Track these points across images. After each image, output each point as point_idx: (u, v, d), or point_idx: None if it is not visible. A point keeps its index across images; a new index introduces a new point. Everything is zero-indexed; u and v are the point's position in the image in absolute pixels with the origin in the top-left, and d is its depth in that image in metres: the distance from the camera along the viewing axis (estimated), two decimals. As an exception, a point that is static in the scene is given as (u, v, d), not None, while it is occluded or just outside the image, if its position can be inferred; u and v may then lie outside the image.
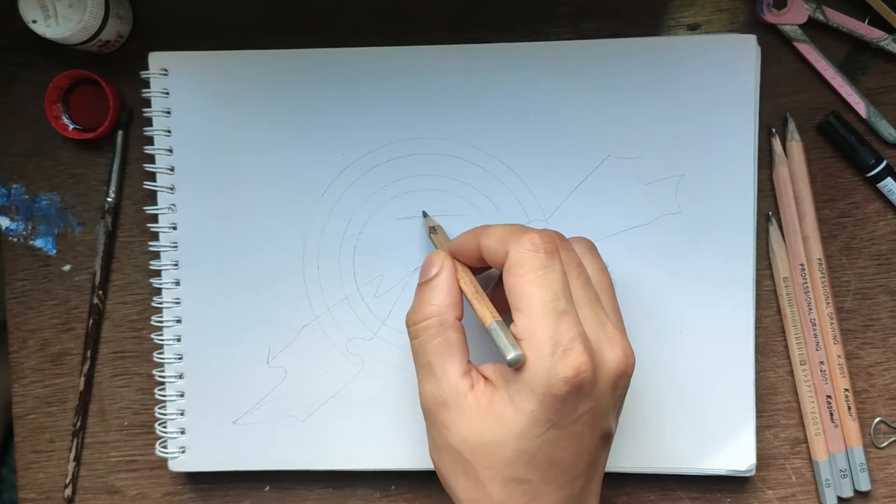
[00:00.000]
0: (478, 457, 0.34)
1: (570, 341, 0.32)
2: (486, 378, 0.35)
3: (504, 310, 0.35)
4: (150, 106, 0.44)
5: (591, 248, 0.38)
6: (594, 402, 0.33)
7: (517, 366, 0.32)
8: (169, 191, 0.44)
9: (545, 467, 0.33)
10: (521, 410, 0.33)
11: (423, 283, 0.37)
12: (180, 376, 0.44)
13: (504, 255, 0.34)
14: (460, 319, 0.36)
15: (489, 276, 0.40)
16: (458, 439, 0.34)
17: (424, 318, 0.36)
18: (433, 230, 0.42)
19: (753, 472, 0.43)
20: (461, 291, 0.36)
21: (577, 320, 0.33)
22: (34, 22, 0.42)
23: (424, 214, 0.43)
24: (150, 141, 0.44)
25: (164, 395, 0.44)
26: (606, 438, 0.35)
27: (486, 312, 0.35)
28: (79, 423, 0.46)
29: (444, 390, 0.35)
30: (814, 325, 0.44)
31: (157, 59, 0.44)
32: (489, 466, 0.33)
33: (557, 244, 0.34)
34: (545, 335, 0.32)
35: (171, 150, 0.44)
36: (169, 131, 0.44)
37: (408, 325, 0.37)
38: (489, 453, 0.33)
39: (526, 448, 0.33)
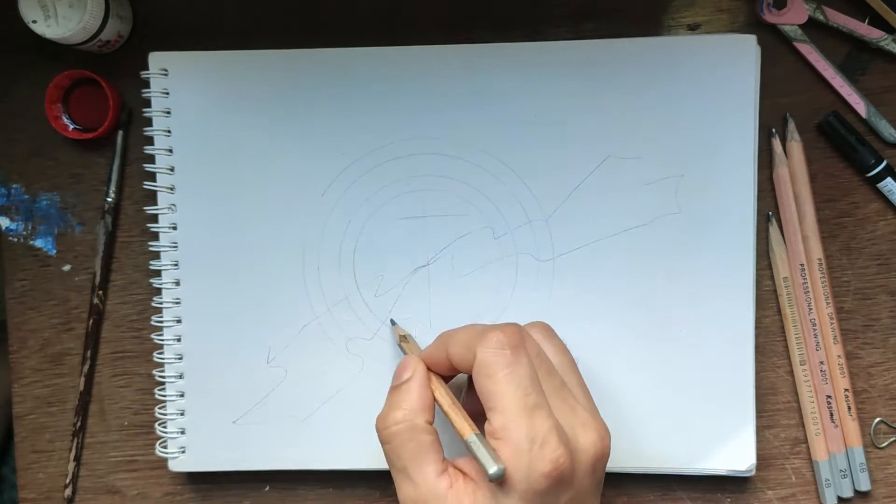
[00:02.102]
0: None
1: (545, 435, 0.33)
2: (464, 473, 0.35)
3: (478, 413, 0.35)
4: (150, 106, 0.44)
5: (548, 330, 0.39)
6: (574, 489, 0.34)
7: (499, 480, 0.33)
8: (169, 191, 0.44)
9: None
10: None
11: (395, 387, 0.37)
12: (180, 376, 0.44)
13: (472, 359, 0.35)
14: (431, 423, 0.36)
15: (459, 383, 0.40)
16: None
17: (395, 422, 0.36)
18: (403, 339, 0.42)
19: (753, 472, 0.43)
20: (435, 402, 0.37)
21: (549, 412, 0.33)
22: (34, 22, 0.42)
23: (392, 322, 0.43)
24: (150, 141, 0.44)
25: (164, 395, 0.44)
26: None
27: (465, 424, 0.35)
28: (79, 423, 0.46)
29: (423, 493, 0.35)
30: (814, 325, 0.44)
31: (157, 59, 0.44)
32: None
33: (522, 338, 0.35)
34: (521, 433, 0.33)
35: (171, 151, 0.44)
36: (169, 131, 0.44)
37: (378, 430, 0.37)
38: None
39: None
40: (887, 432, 0.45)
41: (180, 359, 0.44)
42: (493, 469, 0.32)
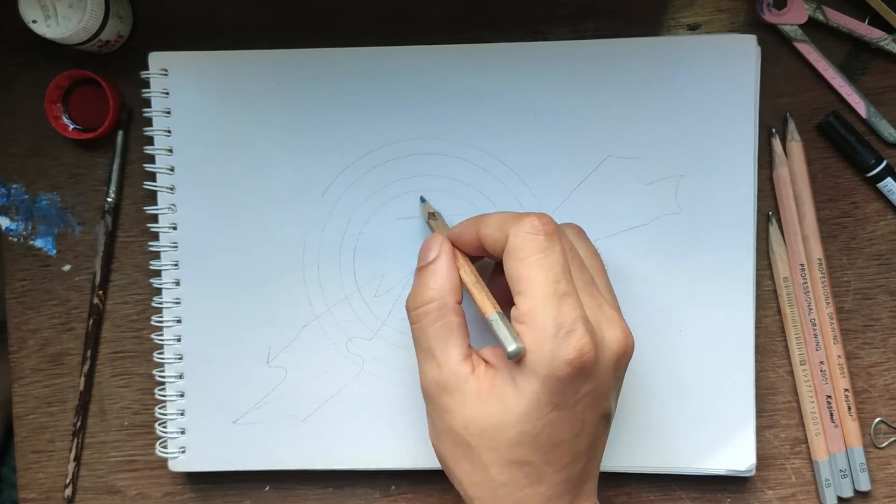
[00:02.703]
0: (480, 440, 0.34)
1: (572, 323, 0.32)
2: (486, 361, 0.35)
3: (501, 300, 0.35)
4: (150, 106, 0.44)
5: (581, 232, 0.39)
6: (596, 383, 0.33)
7: (518, 358, 0.33)
8: (169, 191, 0.44)
9: (547, 449, 0.33)
10: (524, 392, 0.33)
11: (422, 268, 0.37)
12: (180, 376, 0.44)
13: (504, 241, 0.35)
14: (460, 303, 0.36)
15: (484, 267, 0.40)
16: (459, 423, 0.34)
17: (424, 302, 0.36)
18: (432, 216, 0.41)
19: (753, 472, 0.43)
20: (460, 279, 0.36)
21: (578, 302, 0.33)
22: (34, 22, 0.42)
23: (422, 200, 0.43)
24: (150, 141, 0.44)
25: (164, 395, 0.44)
26: (607, 419, 0.35)
27: (487, 303, 0.35)
28: (79, 423, 0.46)
29: (446, 374, 0.35)
30: (814, 325, 0.44)
31: (157, 59, 0.44)
32: (492, 449, 0.34)
33: (556, 227, 0.35)
34: (548, 318, 0.32)
35: (171, 150, 0.44)
36: (169, 131, 0.44)
37: (408, 310, 0.37)
38: (491, 436, 0.33)
39: (528, 430, 0.33)
40: (887, 432, 0.45)
41: (180, 359, 0.44)
42: (512, 347, 0.32)
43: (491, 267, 0.40)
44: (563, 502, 0.35)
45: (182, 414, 0.44)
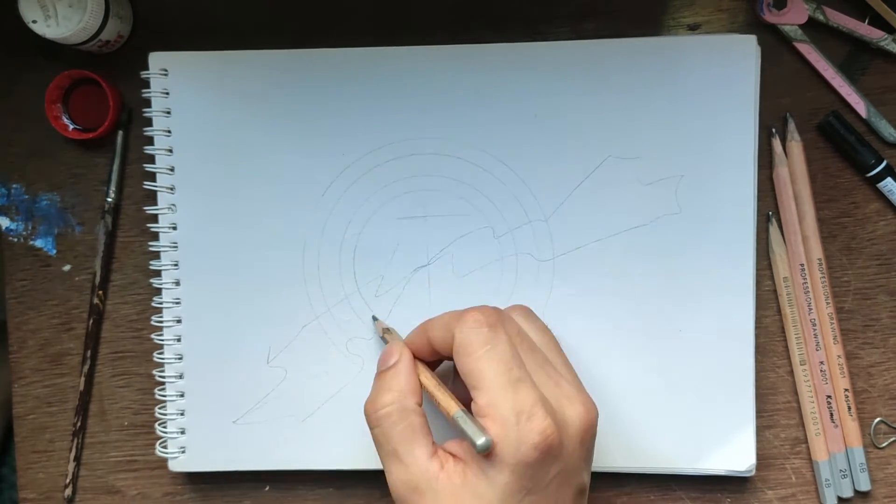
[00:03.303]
0: None
1: (531, 407, 0.33)
2: (453, 456, 0.35)
3: (463, 399, 0.36)
4: (150, 106, 0.44)
5: (529, 312, 0.40)
6: (564, 461, 0.34)
7: (487, 451, 0.33)
8: (169, 191, 0.44)
9: None
10: (496, 483, 0.33)
11: (382, 372, 0.38)
12: (180, 376, 0.44)
13: (451, 341, 0.35)
14: (420, 405, 0.36)
15: (444, 372, 0.41)
16: None
17: (385, 404, 0.36)
18: (387, 331, 0.42)
19: (753, 472, 0.43)
20: (421, 385, 0.37)
21: (533, 385, 0.34)
22: (34, 22, 0.42)
23: (374, 318, 0.44)
24: (150, 141, 0.44)
25: (164, 395, 0.44)
26: (582, 493, 0.36)
27: (451, 402, 0.35)
28: (79, 423, 0.46)
29: (415, 475, 0.35)
30: (814, 325, 0.44)
31: (157, 59, 0.44)
32: None
33: (498, 316, 0.35)
34: (506, 407, 0.33)
35: (171, 151, 0.44)
36: (169, 131, 0.44)
37: (367, 415, 0.37)
38: None
39: None
40: (887, 432, 0.45)
41: (180, 359, 0.44)
42: (480, 440, 0.33)
43: (452, 370, 0.40)
44: None
45: (182, 414, 0.44)
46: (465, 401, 0.36)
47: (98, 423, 0.47)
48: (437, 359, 0.39)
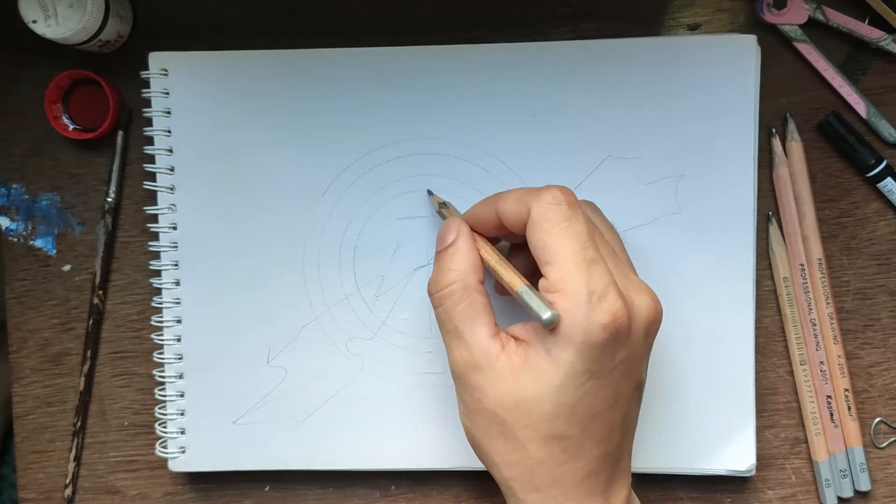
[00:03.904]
0: (515, 416, 0.33)
1: (604, 288, 0.32)
2: (515, 338, 0.34)
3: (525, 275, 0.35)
4: (150, 106, 0.44)
5: (597, 209, 0.39)
6: (629, 349, 0.33)
7: (553, 325, 0.32)
8: (169, 191, 0.44)
9: (585, 421, 0.33)
10: (560, 362, 0.32)
11: (441, 251, 0.37)
12: (180, 376, 0.44)
13: (525, 215, 0.34)
14: (482, 283, 0.36)
15: (501, 248, 0.40)
16: (493, 401, 0.34)
17: (447, 284, 0.35)
18: (443, 205, 0.41)
19: (753, 472, 0.43)
20: (482, 260, 0.36)
21: (607, 268, 0.33)
22: (34, 22, 0.42)
23: (430, 192, 0.43)
24: (150, 141, 0.44)
25: (164, 395, 0.44)
26: (639, 389, 0.35)
27: (514, 277, 0.34)
28: (79, 423, 0.46)
29: (475, 353, 0.34)
30: (814, 325, 0.44)
31: (157, 59, 0.44)
32: (528, 425, 0.33)
33: (576, 197, 0.34)
34: (579, 284, 0.32)
35: (171, 151, 0.44)
36: (169, 131, 0.44)
37: (430, 294, 0.36)
38: (527, 411, 0.33)
39: (566, 401, 0.32)
40: (887, 432, 0.45)
41: (180, 359, 0.44)
42: (546, 315, 0.32)
43: (506, 250, 0.40)
44: (602, 478, 0.34)
45: (182, 414, 0.44)
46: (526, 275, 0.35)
47: (98, 423, 0.47)
48: (498, 234, 0.38)
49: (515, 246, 0.40)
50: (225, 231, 0.44)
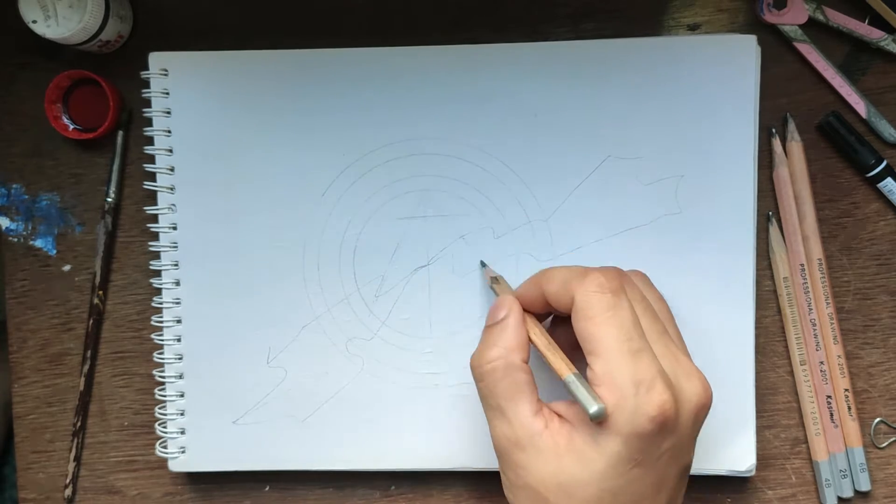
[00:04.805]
0: (558, 496, 0.33)
1: (651, 379, 0.32)
2: (559, 416, 0.35)
3: (564, 348, 0.35)
4: (150, 106, 0.44)
5: (647, 280, 0.39)
6: (677, 437, 0.33)
7: (600, 419, 0.32)
8: (169, 191, 0.44)
9: None
10: (605, 451, 0.32)
11: (490, 326, 0.37)
12: (180, 376, 0.44)
13: (569, 300, 0.34)
14: (527, 362, 0.36)
15: (545, 323, 0.40)
16: (535, 479, 0.34)
17: (490, 360, 0.35)
18: (495, 280, 0.41)
19: (753, 472, 0.43)
20: (531, 342, 0.36)
21: (653, 357, 0.33)
22: (34, 22, 0.42)
23: (483, 264, 0.43)
24: (150, 141, 0.44)
25: (164, 396, 0.44)
26: (686, 471, 0.35)
27: (562, 364, 0.34)
28: (79, 423, 0.46)
29: (517, 431, 0.34)
30: (814, 325, 0.44)
31: (157, 60, 0.44)
32: None
33: (621, 281, 0.34)
34: (625, 376, 0.32)
35: (171, 151, 0.44)
36: (169, 131, 0.44)
37: (473, 368, 0.36)
38: (570, 493, 0.33)
39: (610, 487, 0.33)
40: (887, 432, 0.45)
41: (180, 359, 0.44)
42: (594, 408, 0.32)
43: (549, 322, 0.40)
44: None
45: (182, 414, 0.44)
46: (567, 352, 0.35)
47: (98, 423, 0.47)
48: (547, 312, 0.38)
49: (561, 318, 0.40)
50: (225, 231, 0.44)
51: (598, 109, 0.43)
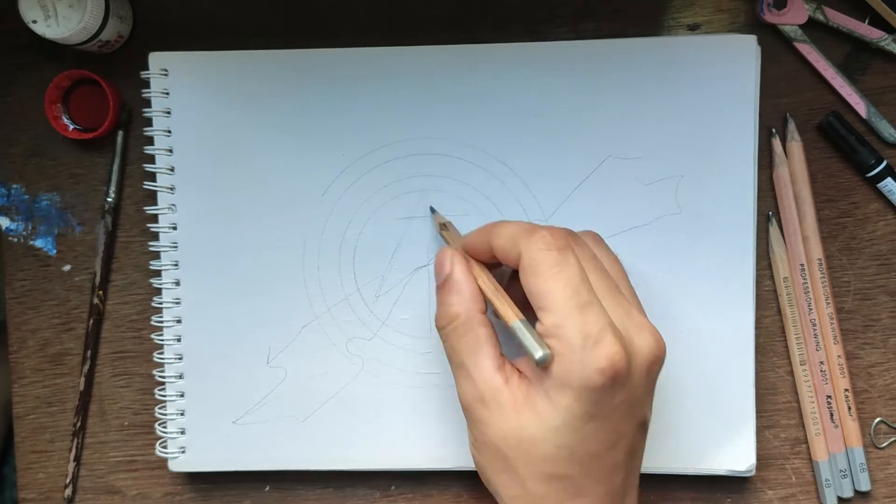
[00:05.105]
0: (517, 453, 0.33)
1: (599, 332, 0.32)
2: (520, 372, 0.35)
3: (521, 303, 0.35)
4: (150, 106, 0.44)
5: (599, 240, 0.39)
6: (629, 391, 0.33)
7: (545, 364, 0.32)
8: (169, 191, 0.44)
9: (586, 461, 0.33)
10: (558, 406, 0.32)
11: (441, 285, 0.37)
12: (180, 376, 0.44)
13: (517, 255, 0.34)
14: (484, 313, 0.36)
15: (502, 273, 0.40)
16: (497, 435, 0.34)
17: (450, 319, 0.36)
18: (443, 227, 0.41)
19: (753, 472, 0.43)
20: (480, 290, 0.36)
21: (602, 311, 0.33)
22: (34, 22, 0.42)
23: (432, 210, 0.43)
24: (150, 141, 0.44)
25: (164, 396, 0.44)
26: (643, 427, 0.35)
27: (509, 311, 0.34)
28: (79, 423, 0.46)
29: (480, 387, 0.34)
30: (814, 325, 0.44)
31: (157, 60, 0.44)
32: (529, 463, 0.33)
33: (568, 239, 0.34)
34: (574, 329, 0.32)
35: (171, 151, 0.44)
36: (169, 131, 0.44)
37: (438, 330, 0.37)
38: (528, 449, 0.33)
39: (565, 443, 0.33)
40: (887, 432, 0.45)
41: (180, 359, 0.44)
42: (538, 353, 0.32)
43: (508, 273, 0.40)
44: None
45: (182, 414, 0.44)
46: (523, 307, 0.35)
47: (98, 423, 0.47)
48: (495, 262, 0.37)
49: (516, 271, 0.40)
50: (225, 231, 0.44)
51: (598, 109, 0.43)
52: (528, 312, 0.35)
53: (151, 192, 0.44)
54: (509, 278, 0.39)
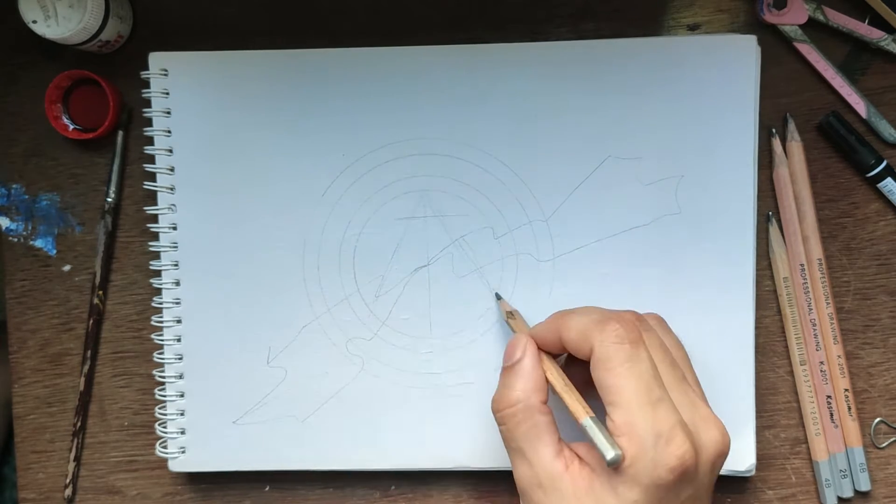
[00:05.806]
0: None
1: (670, 430, 0.32)
2: (579, 458, 0.35)
3: (579, 385, 0.35)
4: (150, 106, 0.44)
5: (664, 323, 0.39)
6: (696, 486, 0.33)
7: (616, 465, 0.32)
8: (169, 191, 0.44)
9: None
10: (624, 500, 0.33)
11: (507, 368, 0.37)
12: (180, 376, 0.44)
13: (588, 349, 0.35)
14: (545, 403, 0.36)
15: (559, 358, 0.40)
16: None
17: (510, 404, 0.36)
18: (510, 315, 0.41)
19: (753, 472, 0.43)
20: (548, 382, 0.36)
21: (673, 407, 0.33)
22: (34, 22, 0.42)
23: (498, 297, 0.43)
24: (150, 141, 0.44)
25: (165, 396, 0.44)
26: None
27: (579, 407, 0.34)
28: (79, 423, 0.46)
29: (538, 472, 0.35)
30: (814, 325, 0.44)
31: (157, 60, 0.44)
32: None
33: (640, 331, 0.35)
34: (645, 427, 0.32)
35: (171, 151, 0.44)
36: (169, 131, 0.44)
37: (494, 412, 0.37)
38: None
39: None
40: (887, 432, 0.45)
41: (180, 359, 0.44)
42: (610, 454, 0.32)
43: (564, 358, 0.40)
44: None
45: (182, 414, 0.44)
46: (584, 392, 0.35)
47: (98, 423, 0.47)
48: (561, 352, 0.38)
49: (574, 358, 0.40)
50: (225, 231, 0.44)
51: (598, 109, 0.43)
52: (588, 394, 0.35)
53: (151, 192, 0.44)
54: (566, 360, 0.39)
